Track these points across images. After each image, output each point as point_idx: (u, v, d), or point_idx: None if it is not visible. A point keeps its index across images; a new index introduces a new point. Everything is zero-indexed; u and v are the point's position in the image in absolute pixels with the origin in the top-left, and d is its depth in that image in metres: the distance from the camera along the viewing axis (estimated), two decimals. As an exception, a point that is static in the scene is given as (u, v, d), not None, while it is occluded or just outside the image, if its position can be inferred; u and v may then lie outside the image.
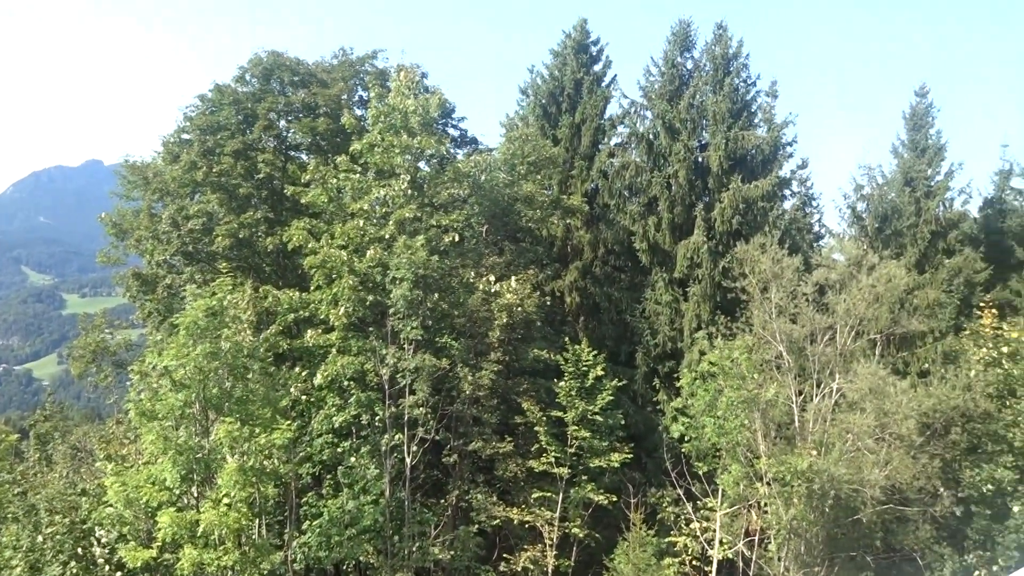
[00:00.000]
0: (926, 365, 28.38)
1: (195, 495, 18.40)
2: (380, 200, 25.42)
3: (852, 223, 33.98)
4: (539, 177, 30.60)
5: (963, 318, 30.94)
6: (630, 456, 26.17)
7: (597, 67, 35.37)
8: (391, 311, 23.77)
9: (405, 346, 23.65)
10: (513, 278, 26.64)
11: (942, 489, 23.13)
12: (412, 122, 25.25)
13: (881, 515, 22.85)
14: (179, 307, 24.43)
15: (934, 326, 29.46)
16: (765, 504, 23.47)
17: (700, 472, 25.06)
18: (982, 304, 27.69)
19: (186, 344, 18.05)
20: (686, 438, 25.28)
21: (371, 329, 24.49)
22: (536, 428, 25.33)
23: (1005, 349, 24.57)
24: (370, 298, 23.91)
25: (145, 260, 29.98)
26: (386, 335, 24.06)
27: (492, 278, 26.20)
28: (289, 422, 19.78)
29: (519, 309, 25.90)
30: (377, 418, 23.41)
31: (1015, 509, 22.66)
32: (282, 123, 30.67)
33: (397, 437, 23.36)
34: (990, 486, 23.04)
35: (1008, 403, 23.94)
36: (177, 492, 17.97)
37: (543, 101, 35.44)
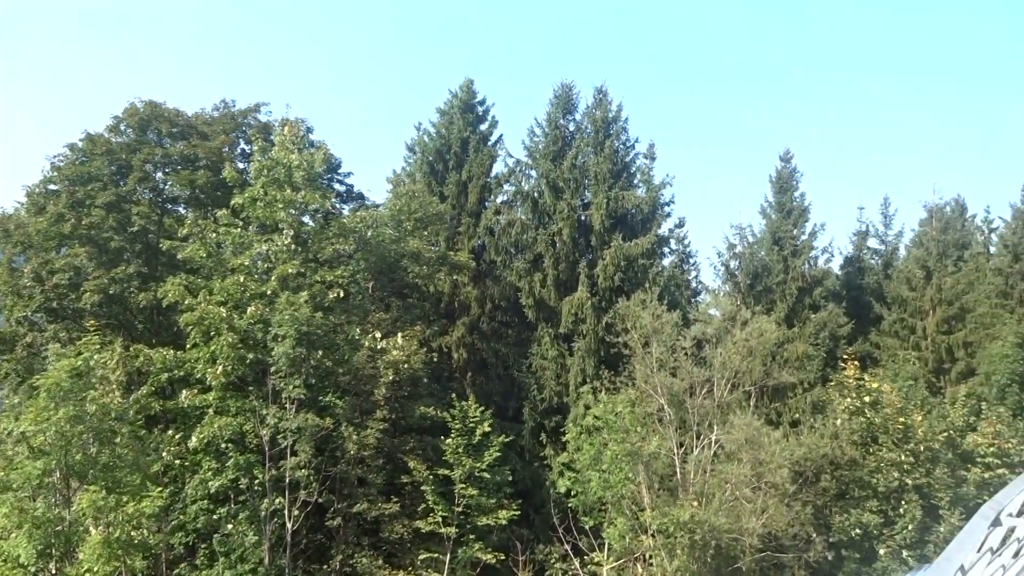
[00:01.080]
0: (797, 415, 29.71)
1: (53, 572, 17.08)
2: (262, 255, 24.85)
3: (726, 280, 35.52)
4: (426, 233, 30.68)
5: (829, 369, 32.70)
6: (518, 513, 26.06)
7: (483, 126, 36.05)
8: (272, 369, 23.09)
9: (287, 405, 22.95)
10: (399, 334, 26.42)
11: (815, 535, 24.07)
12: (296, 176, 24.96)
13: (759, 562, 23.53)
14: (40, 367, 23.01)
15: (803, 378, 30.95)
16: (650, 556, 23.78)
17: (587, 526, 25.21)
18: (845, 356, 29.31)
19: (47, 407, 16.98)
20: (572, 492, 25.43)
21: (251, 388, 23.68)
22: (423, 487, 24.93)
23: (867, 399, 26.06)
24: (250, 356, 23.17)
25: (3, 317, 28.08)
26: (267, 394, 23.31)
27: (378, 334, 25.91)
28: (160, 489, 18.78)
29: (406, 366, 25.64)
30: (256, 482, 22.50)
31: (881, 552, 23.85)
32: (159, 175, 29.70)
33: (278, 501, 22.49)
34: (858, 530, 24.20)
35: (871, 450, 25.35)
36: (32, 570, 16.64)
37: (430, 158, 35.75)
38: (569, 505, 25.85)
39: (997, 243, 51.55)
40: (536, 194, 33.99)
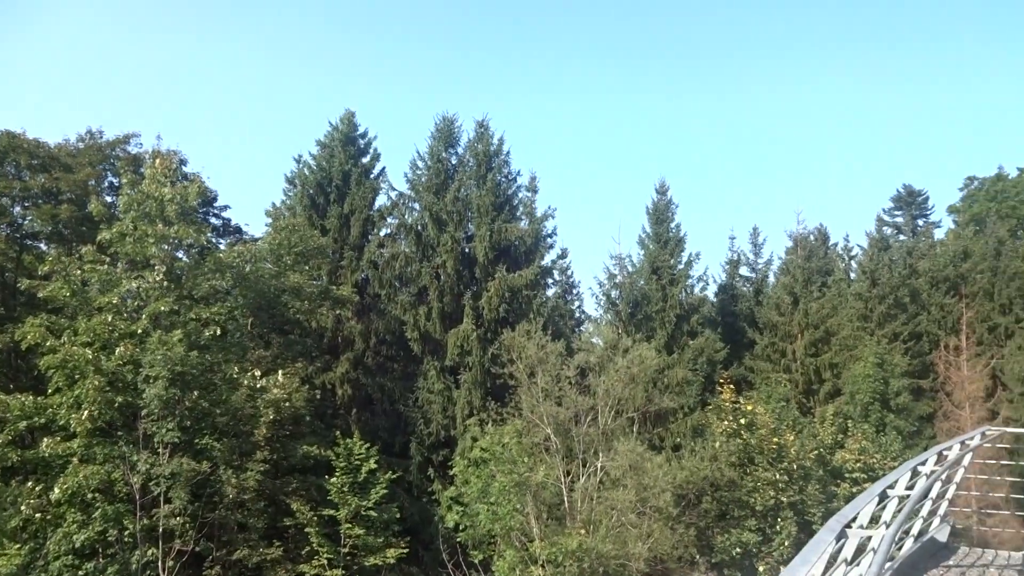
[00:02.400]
0: (678, 439, 30.55)
1: None
2: (132, 293, 23.74)
3: (608, 309, 36.37)
4: (307, 267, 30.08)
5: (707, 394, 33.84)
6: (406, 551, 25.57)
7: (365, 159, 35.81)
8: (144, 412, 21.96)
9: (160, 450, 21.84)
10: (280, 372, 25.68)
11: (698, 556, 24.72)
12: (169, 210, 24.05)
13: (646, 586, 23.91)
14: None
15: (683, 402, 31.89)
16: (540, 587, 23.76)
17: (476, 560, 24.98)
18: (721, 380, 30.43)
19: None
20: (461, 527, 25.21)
21: (120, 434, 22.43)
22: (307, 529, 24.14)
23: (743, 421, 27.07)
24: (119, 399, 21.98)
25: None
26: (137, 439, 22.11)
27: (258, 372, 25.11)
28: (19, 546, 17.42)
29: (287, 404, 24.91)
30: (127, 533, 21.23)
31: (760, 569, 24.69)
32: (17, 209, 27.98)
33: (150, 552, 21.26)
34: (738, 549, 24.98)
35: (748, 470, 26.29)
36: None
37: (311, 191, 35.15)
38: (458, 540, 25.60)
39: (856, 269, 54.97)
40: (420, 227, 33.96)
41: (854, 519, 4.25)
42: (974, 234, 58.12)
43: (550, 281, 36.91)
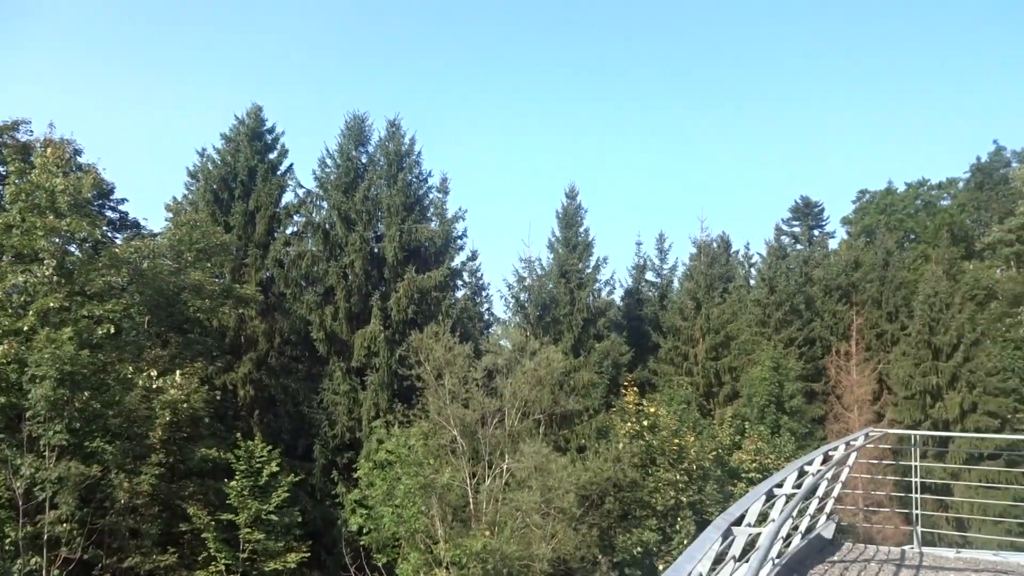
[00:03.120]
0: (583, 441, 30.95)
1: None
2: (19, 287, 22.52)
3: (516, 311, 36.60)
4: (209, 265, 29.13)
5: (612, 396, 34.44)
6: (308, 555, 25.12)
7: (272, 155, 34.91)
8: (29, 414, 20.85)
9: (46, 453, 20.78)
10: (178, 372, 24.82)
11: (600, 556, 25.10)
12: (60, 202, 22.93)
13: (549, 586, 24.14)
14: None
15: (588, 405, 32.36)
16: (444, 590, 23.71)
17: (380, 564, 24.75)
18: (626, 383, 31.00)
19: None
20: (365, 530, 24.93)
21: (1, 436, 21.23)
22: (204, 535, 23.41)
23: (646, 423, 27.64)
24: (2, 400, 20.81)
25: None
26: (21, 442, 20.99)
27: (154, 372, 24.21)
28: None
29: (185, 405, 24.11)
30: (8, 541, 20.12)
31: (660, 567, 25.26)
32: None
33: (34, 561, 20.21)
34: (639, 549, 25.50)
35: (650, 471, 26.88)
36: None
37: (215, 186, 34.06)
38: (361, 543, 25.30)
39: (756, 276, 57.02)
40: (328, 226, 33.42)
41: (741, 517, 4.41)
42: (865, 245, 61.15)
43: (460, 283, 36.87)
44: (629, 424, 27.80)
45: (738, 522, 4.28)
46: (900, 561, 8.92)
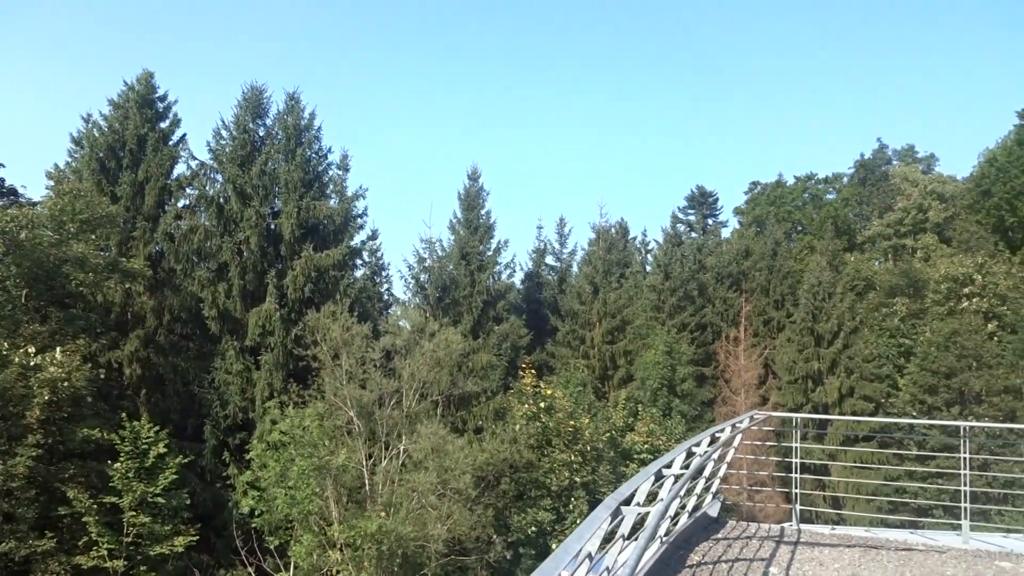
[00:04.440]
0: (480, 422, 31.13)
1: None
2: None
3: (416, 292, 36.40)
4: (94, 237, 27.71)
5: (510, 378, 34.75)
6: (196, 538, 24.40)
7: (164, 124, 33.40)
8: None
9: (-93, 434, 19.45)
10: (59, 349, 23.59)
11: (495, 536, 25.34)
12: (-74, 166, 21.34)
13: (444, 567, 24.24)
14: None
15: (486, 386, 32.52)
16: (338, 571, 23.48)
17: (272, 546, 24.29)
18: (524, 365, 31.34)
19: None
20: (257, 512, 24.40)
21: None
22: (85, 518, 22.41)
23: (542, 404, 28.01)
24: None
25: None
26: None
27: (32, 349, 22.93)
28: None
29: (65, 384, 22.93)
30: None
31: (553, 546, 25.72)
32: None
33: None
34: (533, 528, 25.89)
35: (546, 452, 27.29)
36: None
37: (101, 154, 32.34)
38: (253, 526, 24.74)
39: (652, 263, 58.47)
40: (222, 199, 32.30)
41: (631, 497, 4.54)
42: (755, 235, 63.53)
43: (359, 262, 36.41)
44: (526, 406, 28.12)
45: (627, 501, 4.40)
46: (779, 537, 9.36)
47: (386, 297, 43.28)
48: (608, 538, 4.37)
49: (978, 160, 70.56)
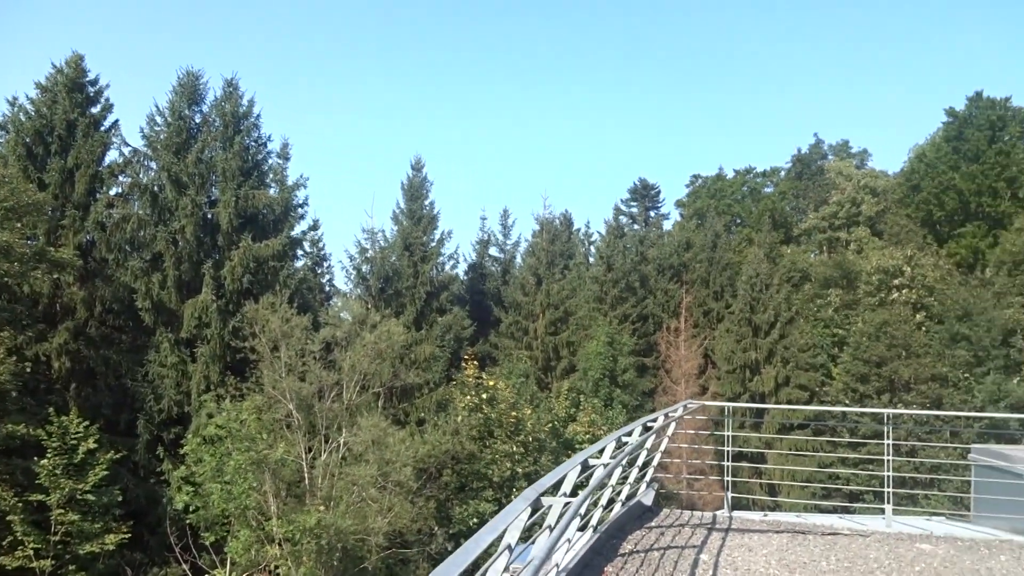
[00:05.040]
0: (423, 414, 31.04)
1: None
2: None
3: (358, 283, 36.04)
4: (19, 225, 26.69)
5: (453, 369, 34.69)
6: (128, 536, 23.85)
7: (95, 109, 32.32)
8: None
9: None
10: (-19, 342, 22.74)
11: (436, 528, 25.31)
12: None
13: (385, 560, 24.12)
14: None
15: (429, 378, 32.45)
16: (276, 567, 23.16)
17: (208, 543, 23.83)
18: (467, 356, 31.29)
19: None
20: (192, 508, 23.92)
21: None
22: (9, 517, 21.68)
23: (484, 396, 28.02)
24: None
25: None
26: None
27: (-49, 342, 22.05)
28: None
29: (-11, 378, 22.12)
30: None
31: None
32: None
33: None
34: (475, 520, 25.91)
35: (488, 443, 27.33)
36: None
37: (28, 139, 31.12)
38: (188, 522, 24.25)
39: (595, 254, 58.90)
40: (156, 188, 31.47)
41: (555, 487, 4.53)
42: (696, 227, 64.43)
43: (300, 252, 35.84)
44: (468, 397, 28.10)
45: (553, 492, 4.39)
46: (711, 525, 9.52)
47: (327, 288, 42.76)
48: (533, 529, 4.35)
49: (908, 156, 72.88)
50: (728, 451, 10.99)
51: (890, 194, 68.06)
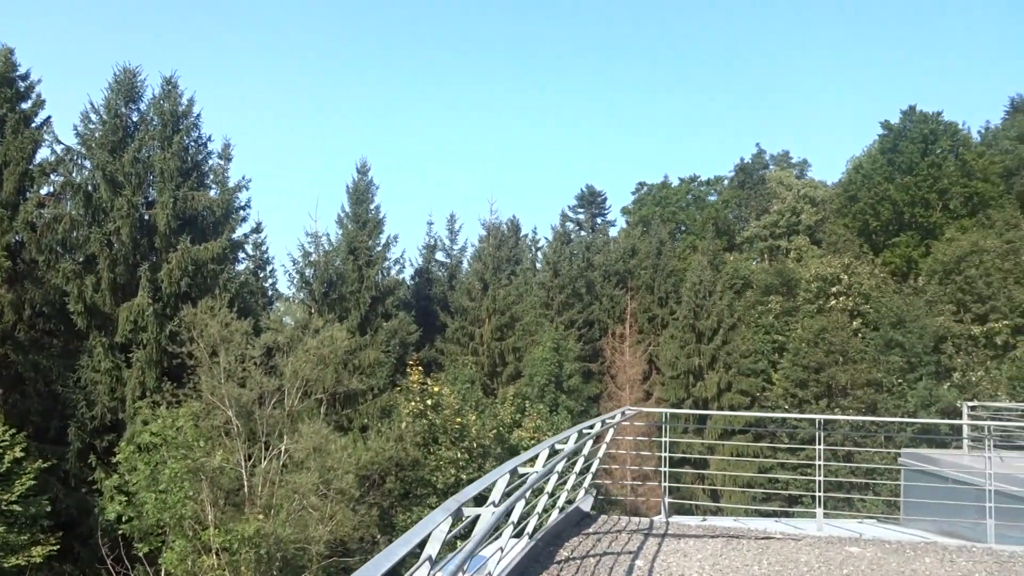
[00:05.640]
0: (366, 420, 30.68)
1: None
2: None
3: (301, 288, 35.52)
4: (-57, 225, 25.76)
5: (398, 375, 34.38)
6: (57, 547, 22.97)
7: (26, 105, 31.27)
8: None
9: None
10: (-100, 346, 21.75)
11: (379, 536, 25.00)
12: None
13: (326, 569, 23.73)
14: None
15: (373, 384, 32.09)
16: (213, 577, 22.62)
17: (141, 554, 23.16)
18: (411, 362, 31.04)
19: None
20: (125, 518, 23.22)
21: None
22: (-72, 530, 20.75)
23: (429, 402, 27.82)
24: None
25: None
26: None
27: None
28: None
29: (-93, 384, 21.18)
30: None
31: (436, 546, 25.56)
32: None
33: None
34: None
35: (432, 450, 27.12)
36: None
37: (-48, 136, 30.01)
38: (121, 532, 23.54)
39: (542, 260, 59.07)
40: (90, 187, 30.49)
41: (484, 496, 4.45)
42: (641, 234, 65.08)
43: (242, 256, 35.13)
44: (413, 403, 27.88)
45: (478, 502, 4.31)
46: (648, 530, 9.54)
47: (270, 293, 42.05)
48: (460, 538, 4.27)
49: (846, 167, 74.74)
50: (665, 457, 11.05)
51: (828, 204, 69.68)
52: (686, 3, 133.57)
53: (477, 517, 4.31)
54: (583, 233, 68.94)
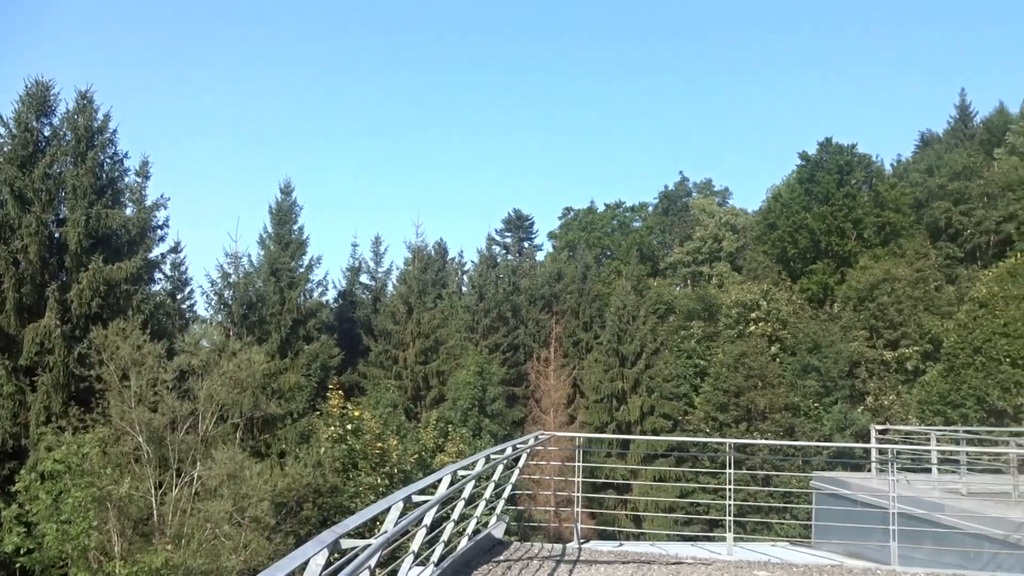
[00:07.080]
0: (284, 446, 29.97)
1: None
2: None
3: (220, 309, 34.65)
4: None
5: (320, 399, 33.72)
6: (-52, 583, 21.75)
7: (-71, 117, 29.93)
8: None
9: None
10: None
11: (296, 565, 24.34)
12: None
13: (239, 600, 22.99)
14: None
15: (293, 408, 31.42)
16: (118, 611, 21.65)
17: (41, 587, 22.05)
18: (332, 386, 30.52)
19: None
20: (23, 550, 22.11)
21: None
22: None
23: (349, 426, 27.36)
24: None
25: None
26: None
27: None
28: None
29: None
30: None
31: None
32: None
33: None
34: (336, 554, 25.09)
35: (351, 476, 26.63)
36: None
37: None
38: (18, 565, 22.39)
39: (468, 283, 59.04)
40: (-3, 204, 29.23)
41: (369, 526, 4.37)
42: (567, 258, 65.79)
43: (159, 276, 34.09)
44: (332, 428, 27.38)
45: (360, 533, 4.23)
46: (560, 557, 9.54)
47: (188, 315, 40.87)
48: (340, 570, 4.17)
49: (766, 195, 77.06)
50: (579, 482, 11.09)
51: (749, 231, 71.64)
52: (612, 32, 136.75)
53: (360, 549, 4.22)
54: (510, 257, 69.20)
